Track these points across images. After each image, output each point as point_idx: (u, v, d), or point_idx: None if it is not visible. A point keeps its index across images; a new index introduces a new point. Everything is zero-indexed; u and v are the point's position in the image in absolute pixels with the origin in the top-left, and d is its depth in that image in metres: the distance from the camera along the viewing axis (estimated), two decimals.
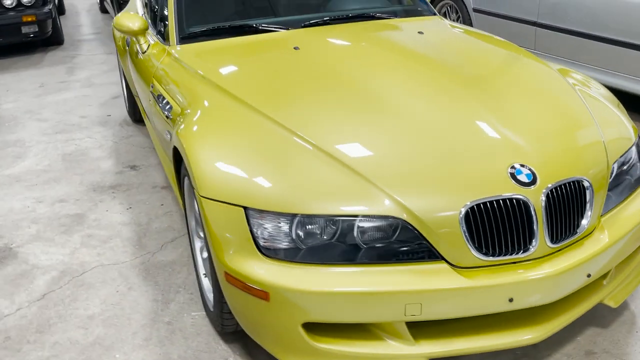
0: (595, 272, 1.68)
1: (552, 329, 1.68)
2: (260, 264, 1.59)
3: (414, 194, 1.56)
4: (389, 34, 2.54)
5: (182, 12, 2.69)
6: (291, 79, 2.11)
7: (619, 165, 1.83)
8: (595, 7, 3.92)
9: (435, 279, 1.52)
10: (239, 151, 1.75)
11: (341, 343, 1.62)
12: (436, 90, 1.97)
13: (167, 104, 2.29)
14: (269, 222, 1.60)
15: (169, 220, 2.85)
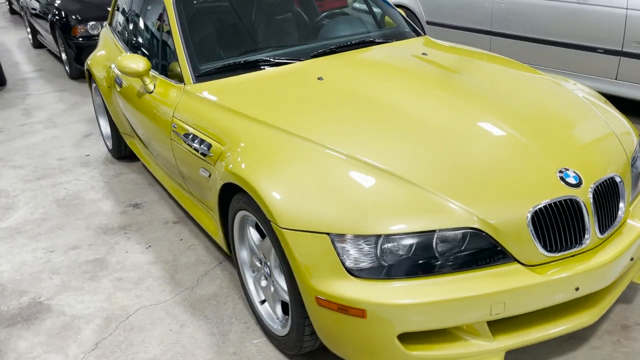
0: (636, 255, 1.92)
1: (601, 310, 1.90)
2: (351, 285, 1.71)
3: (482, 203, 1.74)
4: (398, 57, 2.73)
5: (193, 51, 2.75)
6: (326, 106, 2.24)
7: (632, 160, 2.09)
8: (543, 15, 4.30)
9: (514, 278, 1.70)
10: (305, 180, 1.86)
11: (430, 348, 1.76)
12: (466, 106, 2.17)
13: (201, 141, 2.36)
14: (354, 244, 1.72)
15: (195, 254, 2.88)
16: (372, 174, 1.84)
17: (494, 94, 2.27)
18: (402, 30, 3.19)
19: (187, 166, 2.57)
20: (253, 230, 2.20)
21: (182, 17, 2.87)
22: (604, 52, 3.98)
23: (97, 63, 3.90)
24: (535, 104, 2.21)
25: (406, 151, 1.93)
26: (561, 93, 2.36)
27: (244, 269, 2.35)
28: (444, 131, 2.02)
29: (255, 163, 2.00)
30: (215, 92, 2.54)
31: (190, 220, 3.22)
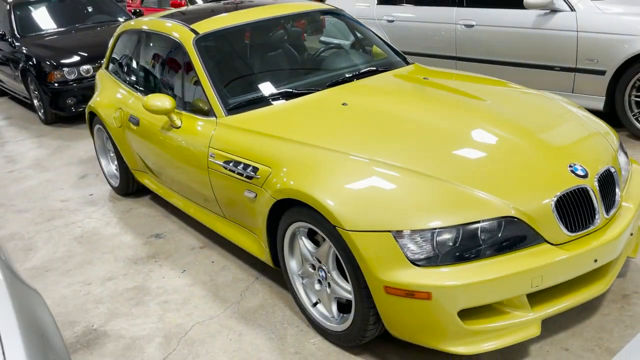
0: (634, 231, 2.32)
1: (610, 280, 2.29)
2: (415, 272, 2.01)
3: (514, 196, 2.09)
4: (404, 82, 3.10)
5: (221, 88, 3.03)
6: (357, 126, 2.57)
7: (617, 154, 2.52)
8: (503, 39, 4.83)
9: (547, 255, 2.05)
10: (357, 187, 2.17)
11: (482, 322, 2.08)
12: (479, 119, 2.54)
13: (245, 166, 2.62)
14: (412, 239, 2.03)
15: (230, 273, 3.11)
16: (416, 177, 2.17)
17: (499, 108, 2.67)
18: (394, 59, 3.58)
19: (227, 191, 2.82)
20: (306, 240, 2.47)
21: (205, 57, 3.15)
22: (561, 70, 4.52)
23: (102, 105, 4.09)
24: (537, 114, 2.62)
25: (440, 157, 2.27)
26: (552, 104, 2.78)
27: (294, 278, 2.61)
28: (467, 140, 2.38)
29: (310, 178, 2.29)
30: (250, 122, 2.82)
31: (216, 244, 3.44)
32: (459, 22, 5.16)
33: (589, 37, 4.27)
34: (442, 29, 5.32)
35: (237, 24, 3.38)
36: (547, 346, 2.31)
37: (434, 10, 5.40)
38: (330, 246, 2.30)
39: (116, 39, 4.32)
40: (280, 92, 3.04)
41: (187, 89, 3.26)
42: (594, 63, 4.29)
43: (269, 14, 3.52)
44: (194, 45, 3.21)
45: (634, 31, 4.03)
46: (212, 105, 3.00)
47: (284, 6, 3.64)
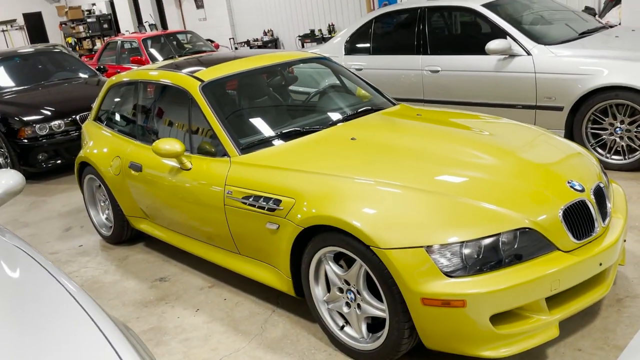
0: (625, 238, 2.62)
1: (610, 284, 2.55)
2: (449, 283, 2.21)
3: (526, 209, 2.35)
4: (400, 119, 3.37)
5: (232, 130, 3.20)
6: (370, 157, 2.78)
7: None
8: (467, 82, 5.26)
9: (561, 261, 2.30)
10: (384, 209, 2.37)
11: (510, 327, 2.28)
12: (482, 147, 2.82)
13: (266, 199, 2.77)
14: (443, 252, 2.24)
15: (246, 308, 3.19)
16: (435, 197, 2.40)
17: (494, 136, 2.97)
18: (381, 100, 3.87)
19: (246, 225, 2.94)
20: (333, 264, 2.62)
21: (213, 102, 3.33)
22: (522, 107, 4.96)
23: (96, 155, 4.15)
24: (527, 139, 2.93)
25: (453, 179, 2.52)
26: (533, 131, 3.11)
27: (319, 304, 2.73)
28: (474, 164, 2.64)
29: (337, 204, 2.47)
30: (265, 159, 2.99)
31: (224, 283, 3.51)
32: (425, 68, 5.58)
33: (546, 77, 4.74)
34: (409, 75, 5.72)
35: (237, 72, 3.59)
36: (562, 348, 2.53)
37: (400, 58, 5.81)
38: (360, 267, 2.46)
39: (106, 92, 4.43)
40: (288, 131, 3.24)
41: (194, 133, 3.41)
42: (552, 100, 4.75)
43: (266, 62, 3.75)
44: (201, 92, 3.38)
45: (585, 71, 4.51)
46: (225, 146, 3.15)
47: (278, 55, 3.90)
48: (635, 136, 4.45)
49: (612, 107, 4.47)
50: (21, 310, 1.54)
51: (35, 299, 1.60)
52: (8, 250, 1.88)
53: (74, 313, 1.60)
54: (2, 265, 1.79)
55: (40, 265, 1.78)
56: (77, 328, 1.54)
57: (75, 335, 1.50)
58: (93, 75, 8.08)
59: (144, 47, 10.22)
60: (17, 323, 1.48)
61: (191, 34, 11.61)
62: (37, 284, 1.68)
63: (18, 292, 1.64)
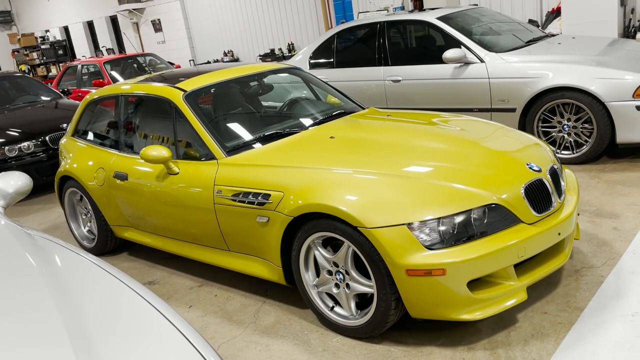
0: (579, 212, 2.95)
1: (569, 252, 2.87)
2: (430, 255, 2.47)
3: (492, 188, 2.65)
4: (372, 119, 3.66)
5: (217, 134, 3.42)
6: (349, 151, 3.04)
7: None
8: (427, 90, 5.63)
9: (526, 231, 2.60)
10: (366, 194, 2.63)
11: (484, 293, 2.56)
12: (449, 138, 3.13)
13: (257, 194, 2.99)
14: (423, 227, 2.51)
15: (237, 302, 3.37)
16: (410, 181, 2.67)
17: (459, 129, 3.28)
18: (352, 104, 4.16)
19: (236, 221, 3.14)
20: (322, 249, 2.85)
21: (197, 109, 3.54)
22: (479, 110, 5.35)
23: (78, 168, 4.27)
24: (488, 131, 3.26)
25: (425, 165, 2.80)
26: (493, 125, 3.45)
27: (309, 289, 2.95)
28: (443, 152, 2.94)
29: (324, 193, 2.71)
30: (251, 158, 3.21)
31: (213, 281, 3.68)
32: (386, 78, 5.93)
33: (499, 82, 5.15)
34: (372, 86, 6.06)
35: (217, 82, 3.82)
36: (530, 312, 2.83)
37: (363, 70, 6.15)
38: (348, 248, 2.70)
39: (84, 107, 4.57)
40: (270, 134, 3.47)
41: (179, 140, 3.60)
42: (505, 103, 5.15)
43: (243, 72, 4.00)
44: (185, 101, 3.59)
45: (533, 75, 4.94)
46: (212, 149, 3.36)
47: (253, 66, 4.15)
48: (581, 132, 4.88)
49: (560, 106, 4.90)
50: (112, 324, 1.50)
51: (122, 315, 1.56)
52: (85, 268, 1.79)
53: (156, 322, 1.53)
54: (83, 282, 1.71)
55: (122, 282, 1.72)
56: (151, 323, 1.51)
57: (161, 344, 1.44)
58: (57, 97, 8.12)
59: (105, 70, 10.29)
60: (108, 338, 1.43)
61: (151, 57, 11.73)
62: (120, 298, 1.63)
63: (103, 309, 1.57)
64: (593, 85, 4.64)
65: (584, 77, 4.70)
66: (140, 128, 3.98)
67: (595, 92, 4.62)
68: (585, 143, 4.89)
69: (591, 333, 2.60)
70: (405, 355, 2.65)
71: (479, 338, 2.69)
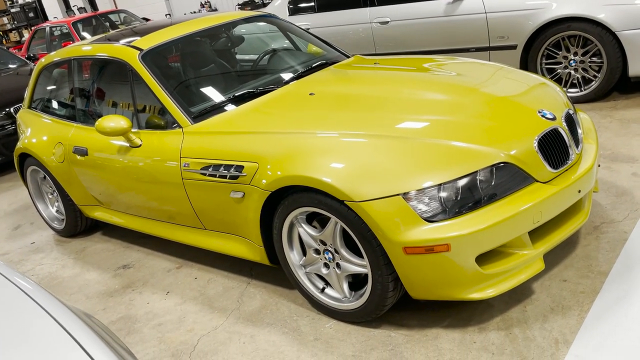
0: (599, 162, 2.56)
1: (588, 210, 2.50)
2: (431, 228, 2.10)
3: (500, 143, 2.25)
4: (358, 69, 3.22)
5: (180, 99, 2.98)
6: (331, 109, 2.62)
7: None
8: (418, 31, 5.13)
9: (541, 192, 2.22)
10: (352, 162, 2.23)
11: (495, 266, 2.20)
12: (448, 86, 2.70)
13: (227, 167, 2.59)
14: (420, 198, 2.12)
15: (219, 285, 3.03)
16: (402, 142, 2.27)
17: (454, 75, 2.85)
18: (335, 54, 3.69)
19: (209, 198, 2.76)
20: (306, 226, 2.48)
21: (156, 71, 3.09)
22: (476, 50, 4.88)
23: (36, 144, 3.85)
24: (489, 74, 2.83)
25: (418, 121, 2.39)
26: (497, 67, 3.01)
27: (296, 269, 2.60)
28: (438, 104, 2.52)
29: (303, 162, 2.32)
30: (220, 125, 2.79)
31: (192, 262, 3.33)
32: (373, 20, 5.41)
33: (497, 16, 4.66)
34: (358, 30, 5.55)
35: (178, 37, 3.35)
36: (547, 281, 2.48)
37: (347, 13, 5.62)
38: (335, 224, 2.33)
39: (37, 75, 4.10)
40: (241, 94, 3.04)
41: (139, 107, 3.17)
42: (505, 39, 4.68)
43: (208, 24, 3.51)
44: (141, 62, 3.13)
45: (534, 6, 4.44)
46: (175, 116, 2.93)
47: (220, 16, 3.66)
48: (589, 67, 4.44)
49: (565, 39, 4.43)
50: None
51: None
52: None
53: (29, 309, 1.43)
54: None
55: None
56: (33, 325, 1.37)
57: (33, 333, 1.33)
58: (23, 65, 7.57)
59: (75, 32, 9.66)
60: None
61: (125, 13, 11.06)
62: None
63: None
64: (602, 13, 4.16)
65: (592, 5, 4.22)
66: (97, 96, 3.54)
67: (605, 20, 4.15)
68: (594, 79, 4.46)
69: (620, 302, 2.26)
70: (407, 340, 2.32)
71: (491, 315, 2.36)
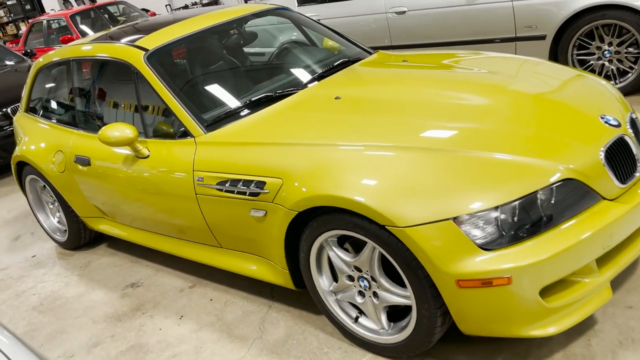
0: None
1: None
2: (489, 258, 1.82)
3: (560, 155, 1.96)
4: (385, 68, 2.92)
5: (191, 105, 2.69)
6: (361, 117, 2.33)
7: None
8: (437, 21, 4.82)
9: (610, 212, 1.94)
10: (394, 180, 1.94)
11: (560, 297, 1.92)
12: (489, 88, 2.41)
13: (247, 183, 2.31)
14: (476, 220, 1.84)
15: (238, 308, 2.76)
16: (453, 156, 1.98)
17: (502, 76, 2.56)
18: (355, 50, 3.39)
19: (226, 215, 2.48)
20: (338, 249, 2.20)
21: (163, 74, 2.79)
22: (501, 41, 4.57)
23: (34, 151, 3.57)
24: (537, 74, 2.54)
25: (464, 131, 2.10)
26: (548, 64, 2.71)
27: (325, 296, 2.33)
28: (485, 109, 2.23)
29: (335, 179, 2.03)
30: (238, 134, 2.51)
31: (207, 280, 3.07)
32: (389, 10, 5.10)
33: (524, 4, 4.34)
34: (371, 20, 5.24)
35: (187, 34, 3.05)
36: (610, 308, 2.21)
37: (360, 2, 5.31)
38: (373, 250, 2.06)
39: (34, 76, 3.81)
40: (258, 98, 2.75)
41: (146, 113, 2.88)
42: (533, 29, 4.37)
43: (216, 20, 3.21)
44: (147, 63, 2.84)
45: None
46: (186, 124, 2.65)
47: (228, 11, 3.35)
48: (625, 58, 4.13)
49: (599, 28, 4.12)
50: None
51: None
52: None
53: None
54: None
55: None
56: None
57: None
58: (20, 61, 7.27)
59: (73, 25, 9.33)
60: None
61: (124, 5, 10.72)
62: None
63: None
64: None
65: None
66: (99, 100, 3.25)
67: None
68: (630, 70, 4.15)
69: None
70: None
71: (551, 351, 2.09)
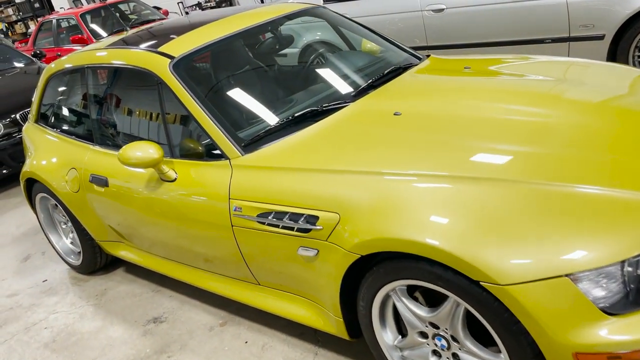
0: None
1: None
2: (615, 325, 1.45)
3: None
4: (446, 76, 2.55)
5: (225, 122, 2.32)
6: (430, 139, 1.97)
7: None
8: (481, 19, 4.43)
9: None
10: (487, 216, 1.58)
11: None
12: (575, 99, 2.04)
13: (296, 216, 1.95)
14: (597, 278, 1.47)
15: (278, 353, 2.40)
16: (559, 192, 1.60)
17: (592, 87, 2.18)
18: (403, 54, 3.00)
19: (268, 250, 2.12)
20: (409, 301, 1.83)
21: (191, 85, 2.43)
22: (552, 41, 4.17)
23: (45, 168, 3.22)
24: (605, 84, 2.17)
25: (571, 158, 1.73)
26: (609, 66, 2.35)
27: (389, 352, 1.96)
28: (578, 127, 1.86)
29: (412, 218, 1.66)
30: (280, 157, 2.14)
31: (240, 317, 2.71)
32: (425, 8, 4.71)
33: (581, 1, 3.94)
34: (406, 19, 4.85)
35: (217, 39, 2.68)
36: None
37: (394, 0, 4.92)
38: (457, 305, 1.69)
39: (45, 84, 3.46)
40: (303, 113, 2.37)
41: (172, 129, 2.52)
42: (590, 28, 3.96)
43: (247, 23, 2.84)
44: (173, 73, 2.47)
45: None
46: (220, 144, 2.28)
47: (259, 12, 2.98)
48: None
49: None
50: None
51: None
52: None
53: None
54: None
55: None
56: None
57: None
58: (30, 63, 6.94)
59: (83, 24, 9.00)
60: None
61: (135, 3, 10.37)
62: None
63: None
64: None
65: None
66: (117, 113, 2.89)
67: None
68: None
69: None
70: None
71: None
